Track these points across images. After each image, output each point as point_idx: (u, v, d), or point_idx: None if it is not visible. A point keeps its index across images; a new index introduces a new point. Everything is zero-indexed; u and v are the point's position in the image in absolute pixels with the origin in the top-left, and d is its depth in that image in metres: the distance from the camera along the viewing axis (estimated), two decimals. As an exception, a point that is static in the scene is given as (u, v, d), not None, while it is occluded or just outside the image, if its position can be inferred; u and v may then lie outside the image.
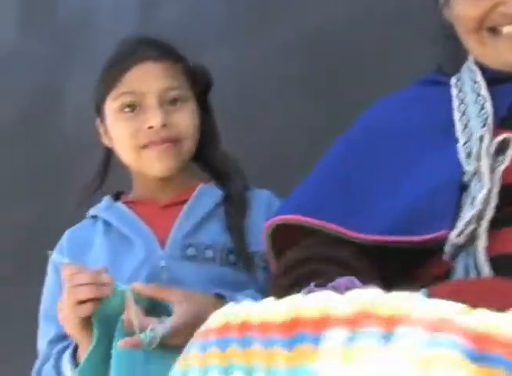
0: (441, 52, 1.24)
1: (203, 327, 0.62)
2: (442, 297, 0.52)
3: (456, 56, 1.09)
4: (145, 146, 1.12)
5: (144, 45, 1.16)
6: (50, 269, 1.18)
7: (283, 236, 0.93)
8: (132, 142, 1.13)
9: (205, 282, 1.06)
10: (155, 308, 1.00)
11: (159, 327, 0.92)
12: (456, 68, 1.06)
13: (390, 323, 0.49)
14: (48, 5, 2.01)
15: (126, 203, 1.18)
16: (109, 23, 1.88)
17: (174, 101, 1.13)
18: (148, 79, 1.13)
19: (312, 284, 0.71)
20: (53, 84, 1.95)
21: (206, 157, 1.21)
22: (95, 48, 1.86)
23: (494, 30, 0.93)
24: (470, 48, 0.98)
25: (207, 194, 1.16)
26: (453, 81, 1.02)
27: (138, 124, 1.12)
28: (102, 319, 0.96)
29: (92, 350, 0.93)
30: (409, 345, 0.47)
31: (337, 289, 0.70)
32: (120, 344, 0.92)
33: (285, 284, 0.82)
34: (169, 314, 0.97)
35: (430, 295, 0.60)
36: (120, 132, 1.15)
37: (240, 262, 1.10)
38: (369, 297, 0.51)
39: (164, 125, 1.11)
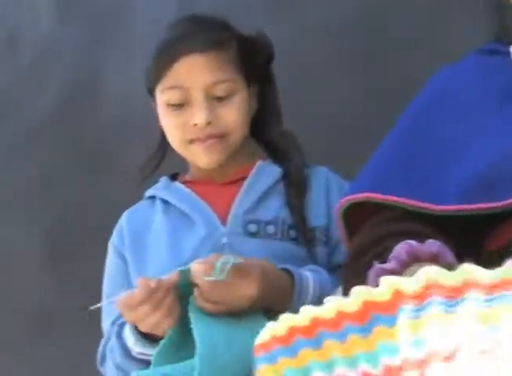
0: (493, 23, 1.23)
1: (267, 336, 0.61)
2: None
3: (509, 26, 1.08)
4: (191, 141, 1.13)
5: (191, 33, 1.13)
6: (110, 250, 1.19)
7: (354, 215, 0.92)
8: (179, 136, 1.14)
9: (267, 257, 1.05)
10: None
11: (231, 257, 0.94)
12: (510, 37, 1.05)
13: (455, 292, 0.50)
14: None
15: (184, 182, 1.19)
16: (146, 7, 1.87)
17: (221, 95, 1.11)
18: (194, 73, 1.10)
19: (376, 263, 0.72)
20: (91, 70, 1.96)
21: (264, 134, 1.21)
22: (132, 33, 1.87)
23: None
24: None
25: (265, 171, 1.17)
26: None
27: (185, 120, 1.12)
28: None
29: (170, 334, 0.94)
30: (472, 307, 0.49)
31: (398, 258, 0.71)
32: (194, 267, 0.94)
33: (360, 266, 0.82)
34: None
35: None
36: (167, 126, 1.16)
37: (300, 238, 1.10)
38: (433, 271, 0.52)
39: (209, 122, 1.10)
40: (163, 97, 1.14)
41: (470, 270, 0.50)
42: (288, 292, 1.01)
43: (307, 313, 0.57)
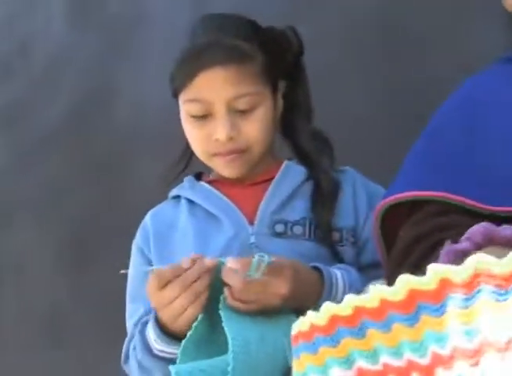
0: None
1: (306, 326, 0.60)
2: None
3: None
4: (214, 154, 1.12)
5: (213, 45, 1.08)
6: (134, 251, 1.19)
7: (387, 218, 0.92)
8: (202, 148, 1.13)
9: (295, 258, 1.04)
10: None
11: (265, 255, 0.94)
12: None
13: (505, 281, 0.49)
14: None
15: (209, 182, 1.19)
16: (160, 14, 1.88)
17: (243, 108, 1.09)
18: (215, 87, 1.07)
19: (448, 243, 0.70)
20: (104, 79, 1.97)
21: (293, 134, 1.19)
22: (146, 41, 1.87)
23: None
24: None
25: (292, 172, 1.16)
26: None
27: (207, 133, 1.10)
28: None
29: (197, 326, 0.93)
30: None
31: (472, 240, 0.70)
32: (230, 263, 0.93)
33: (410, 262, 0.81)
34: None
35: None
36: (190, 136, 1.15)
37: (328, 239, 1.09)
38: (482, 259, 0.51)
39: (231, 138, 1.08)
40: (185, 107, 1.12)
41: None
42: (318, 290, 1.00)
43: (349, 302, 0.56)
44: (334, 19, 1.56)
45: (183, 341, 0.93)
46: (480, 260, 0.50)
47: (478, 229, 0.71)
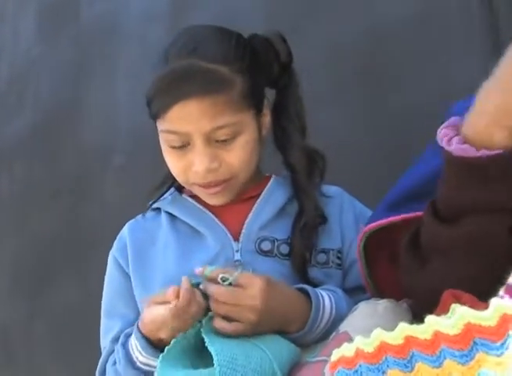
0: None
1: (350, 351, 0.58)
2: None
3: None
4: (194, 184, 1.07)
5: (188, 75, 0.99)
6: (110, 262, 1.14)
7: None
8: (182, 179, 1.08)
9: (280, 277, 1.03)
10: None
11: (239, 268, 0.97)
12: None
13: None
14: (71, 11, 1.94)
15: (192, 196, 1.14)
16: (134, 30, 1.83)
17: (223, 138, 1.02)
18: (192, 120, 0.99)
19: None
20: (74, 92, 1.90)
21: (284, 149, 1.13)
22: (119, 56, 1.82)
23: None
24: None
25: (280, 188, 1.13)
26: None
27: (186, 163, 1.04)
28: None
29: (177, 340, 0.91)
30: None
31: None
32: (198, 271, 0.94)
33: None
34: None
35: None
36: (169, 165, 1.08)
37: (300, 269, 1.06)
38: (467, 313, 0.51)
39: (211, 169, 1.02)
40: (163, 136, 1.05)
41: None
42: (305, 311, 0.98)
43: (402, 331, 0.54)
44: (318, 47, 1.55)
45: (161, 356, 0.90)
46: (470, 313, 0.49)
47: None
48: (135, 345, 0.98)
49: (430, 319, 0.53)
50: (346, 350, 0.58)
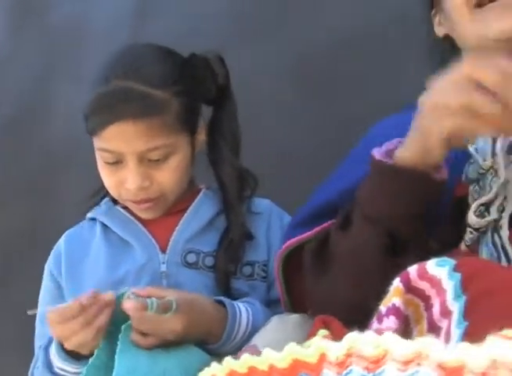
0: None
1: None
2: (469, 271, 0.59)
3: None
4: (127, 199, 1.11)
5: (124, 98, 1.01)
6: (46, 274, 1.18)
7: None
8: (114, 192, 1.12)
9: (204, 290, 1.07)
10: None
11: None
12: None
13: (374, 363, 0.50)
14: (39, 11, 1.96)
15: (125, 207, 1.17)
16: (101, 34, 1.85)
17: (156, 158, 1.06)
18: (126, 140, 1.03)
19: None
20: (42, 93, 1.92)
21: (215, 165, 1.16)
22: (86, 59, 1.83)
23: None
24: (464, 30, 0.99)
25: (209, 201, 1.17)
26: None
27: (119, 179, 1.08)
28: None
29: (98, 353, 0.94)
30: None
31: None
32: (126, 306, 0.93)
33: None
34: None
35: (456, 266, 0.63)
36: (103, 180, 1.12)
37: (239, 273, 1.11)
38: (356, 338, 0.52)
39: (143, 187, 1.06)
40: (98, 152, 1.09)
41: (389, 340, 0.50)
42: (221, 323, 1.02)
43: (245, 361, 0.58)
44: (271, 56, 1.57)
45: (84, 369, 0.94)
46: (354, 339, 0.52)
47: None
48: (53, 348, 1.01)
49: (267, 351, 0.57)
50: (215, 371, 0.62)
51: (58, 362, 1.01)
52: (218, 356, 0.97)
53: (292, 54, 1.54)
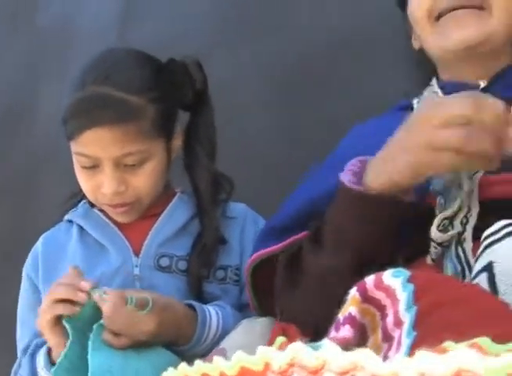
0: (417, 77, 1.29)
1: None
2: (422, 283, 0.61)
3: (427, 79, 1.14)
4: (103, 203, 1.13)
5: (102, 99, 1.03)
6: (24, 276, 1.19)
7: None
8: (91, 196, 1.13)
9: (177, 293, 1.08)
10: None
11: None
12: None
13: (313, 374, 0.51)
14: (27, 13, 1.97)
15: (101, 210, 1.18)
16: (88, 37, 1.85)
17: (132, 164, 1.07)
18: (102, 145, 1.04)
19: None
20: (26, 94, 1.92)
21: (190, 170, 1.17)
22: (73, 62, 1.84)
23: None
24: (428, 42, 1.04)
25: (184, 205, 1.18)
26: (415, 101, 1.06)
27: (95, 184, 1.09)
28: (77, 323, 0.97)
29: (66, 353, 0.95)
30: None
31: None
32: (107, 299, 0.95)
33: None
34: None
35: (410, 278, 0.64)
36: (80, 183, 1.13)
37: (212, 277, 1.12)
38: (298, 349, 0.53)
39: (118, 192, 1.08)
40: (75, 156, 1.10)
41: (328, 351, 0.51)
42: (192, 326, 1.03)
43: (198, 368, 0.59)
44: (246, 61, 1.58)
45: (53, 369, 0.95)
46: (297, 349, 0.53)
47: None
48: (41, 361, 1.03)
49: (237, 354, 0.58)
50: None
51: (44, 373, 1.02)
52: (188, 358, 1.00)
53: (281, 55, 1.55)
